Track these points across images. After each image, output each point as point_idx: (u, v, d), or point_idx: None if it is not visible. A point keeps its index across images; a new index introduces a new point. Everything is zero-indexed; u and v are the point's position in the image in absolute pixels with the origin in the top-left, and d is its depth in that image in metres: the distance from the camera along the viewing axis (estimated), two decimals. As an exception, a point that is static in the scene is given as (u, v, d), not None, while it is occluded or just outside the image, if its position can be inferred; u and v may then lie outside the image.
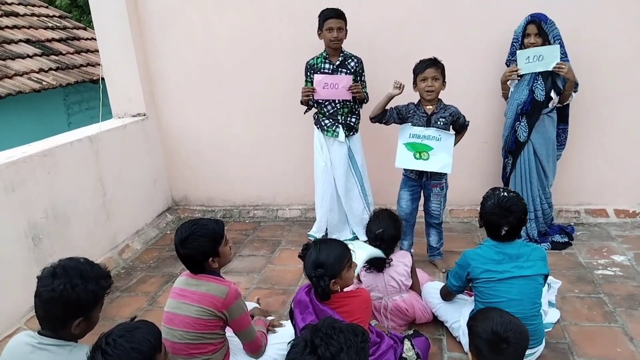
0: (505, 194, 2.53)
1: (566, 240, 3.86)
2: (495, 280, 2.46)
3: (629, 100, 4.00)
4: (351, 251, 2.30)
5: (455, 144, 3.42)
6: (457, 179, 4.09)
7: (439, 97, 3.40)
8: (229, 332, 2.56)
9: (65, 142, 3.74)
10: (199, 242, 2.25)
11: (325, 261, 2.19)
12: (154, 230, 4.69)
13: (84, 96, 8.56)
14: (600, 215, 4.23)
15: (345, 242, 2.39)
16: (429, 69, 3.27)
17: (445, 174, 3.48)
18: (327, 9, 3.67)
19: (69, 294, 1.78)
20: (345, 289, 2.35)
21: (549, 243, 3.81)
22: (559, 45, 3.50)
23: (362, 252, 2.63)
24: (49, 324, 1.85)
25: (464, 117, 3.43)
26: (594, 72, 3.90)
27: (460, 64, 4.10)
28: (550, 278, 2.96)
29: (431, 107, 3.37)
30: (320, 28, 3.69)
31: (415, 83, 3.38)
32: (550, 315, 2.82)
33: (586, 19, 3.84)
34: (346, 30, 3.70)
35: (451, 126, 3.42)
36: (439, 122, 3.35)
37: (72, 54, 8.41)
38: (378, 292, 2.85)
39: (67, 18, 10.20)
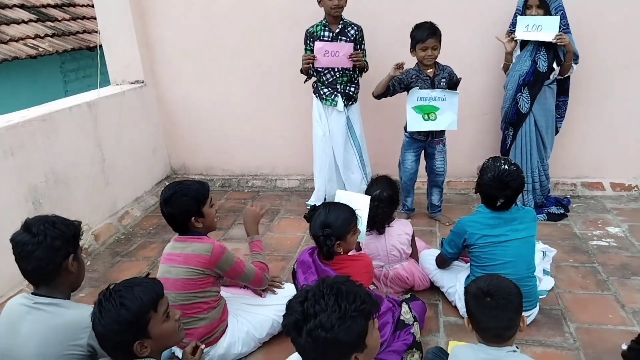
0: (506, 166, 2.51)
1: (562, 212, 3.90)
2: (491, 245, 2.51)
3: (629, 73, 3.99)
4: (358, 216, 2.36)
5: None
6: (455, 151, 4.12)
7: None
8: (226, 292, 2.61)
9: (64, 107, 3.73)
10: (182, 201, 2.30)
11: (333, 222, 2.27)
12: (153, 198, 4.70)
13: (80, 64, 8.46)
14: (597, 188, 4.27)
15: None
16: (430, 39, 3.42)
17: (444, 131, 3.69)
18: None
19: (52, 232, 1.83)
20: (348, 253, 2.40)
21: (545, 214, 3.85)
22: (558, 17, 3.46)
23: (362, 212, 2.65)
24: (41, 278, 1.87)
25: (456, 75, 3.63)
26: (595, 44, 3.88)
27: (460, 35, 4.08)
28: (545, 246, 3.02)
29: (431, 70, 3.54)
30: None
31: (413, 48, 3.51)
32: (545, 283, 2.87)
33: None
34: None
35: (447, 86, 3.59)
36: (441, 83, 3.55)
37: (68, 20, 8.27)
38: (379, 261, 2.90)
39: (61, -16, 9.99)
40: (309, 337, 1.37)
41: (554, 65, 3.59)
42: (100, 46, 4.68)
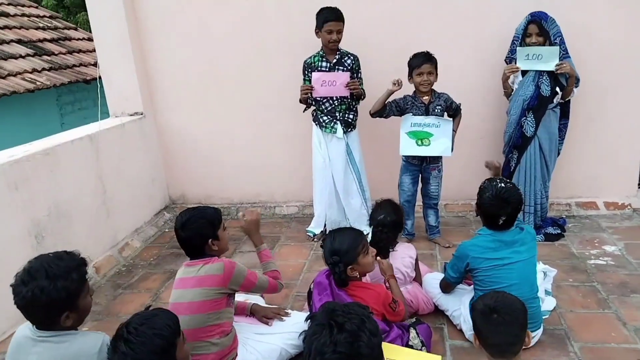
0: (503, 184, 2.60)
1: (558, 232, 3.96)
2: (496, 268, 2.55)
3: (618, 95, 4.12)
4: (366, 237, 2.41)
5: (457, 127, 3.74)
6: (452, 174, 4.20)
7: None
8: (234, 322, 2.63)
9: (66, 141, 3.77)
10: (199, 224, 2.38)
11: (339, 248, 2.32)
12: (153, 228, 4.72)
13: (76, 96, 8.54)
14: (591, 208, 4.35)
15: None
16: (425, 64, 3.54)
17: (441, 157, 3.77)
18: (326, 9, 3.72)
19: (39, 299, 1.75)
20: (366, 280, 2.45)
21: (542, 235, 3.90)
22: (558, 48, 3.58)
23: None
24: (37, 324, 1.86)
25: (455, 102, 3.71)
26: (585, 66, 3.98)
27: (454, 60, 4.19)
28: (546, 267, 3.06)
29: (427, 97, 3.65)
30: (318, 28, 3.75)
31: (410, 76, 3.63)
32: (547, 303, 2.91)
33: (577, 14, 3.94)
34: (343, 29, 3.77)
35: (446, 112, 3.70)
36: (436, 110, 3.64)
37: (64, 54, 8.38)
38: (384, 284, 2.92)
39: (57, 18, 10.15)
40: (369, 348, 1.42)
41: (557, 89, 3.68)
42: (97, 79, 4.75)
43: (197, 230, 2.38)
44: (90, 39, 4.63)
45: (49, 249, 3.42)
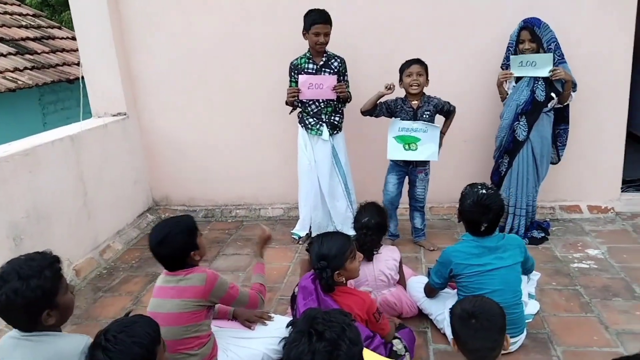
0: (484, 191, 2.60)
1: (542, 235, 3.98)
2: (478, 274, 2.55)
3: (600, 100, 4.15)
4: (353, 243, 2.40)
5: (447, 129, 3.76)
6: (438, 178, 4.19)
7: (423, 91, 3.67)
8: (215, 325, 2.59)
9: (46, 141, 3.69)
10: (179, 239, 2.28)
11: (327, 254, 2.28)
12: (135, 230, 4.65)
13: (59, 96, 8.42)
14: (575, 211, 4.38)
15: None
16: (414, 65, 3.58)
17: (429, 161, 3.76)
18: (314, 11, 3.70)
19: (14, 301, 1.72)
20: (350, 284, 2.44)
21: (527, 238, 3.91)
22: (551, 55, 3.58)
23: None
24: (19, 327, 1.82)
25: (448, 103, 3.71)
26: (571, 70, 4.03)
27: (441, 66, 4.18)
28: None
29: (416, 101, 3.64)
30: (306, 30, 3.73)
31: (401, 79, 3.63)
32: (530, 307, 2.91)
33: (563, 20, 3.96)
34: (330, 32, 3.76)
35: (437, 114, 3.71)
36: (425, 115, 3.64)
37: (47, 53, 8.27)
38: (367, 286, 2.90)
39: (41, 17, 10.01)
40: (348, 358, 1.39)
41: (552, 94, 3.68)
42: (82, 78, 4.68)
43: (177, 245, 2.28)
44: (74, 38, 4.56)
45: (28, 251, 3.30)
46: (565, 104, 3.79)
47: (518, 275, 2.63)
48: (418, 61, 3.58)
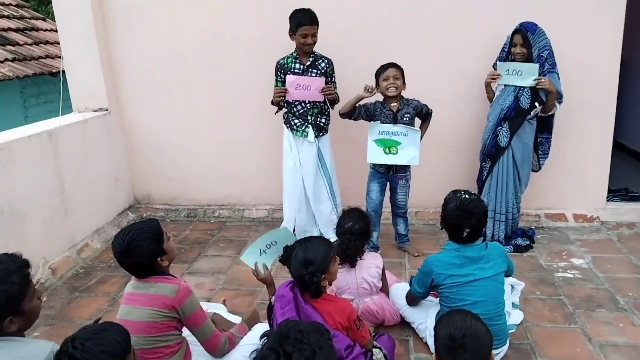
0: (467, 196, 2.56)
1: (527, 243, 3.95)
2: (459, 285, 2.49)
3: (587, 110, 4.13)
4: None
5: (424, 132, 3.69)
6: (423, 182, 4.16)
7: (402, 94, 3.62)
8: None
9: (22, 136, 3.58)
10: (143, 246, 2.17)
11: (314, 258, 2.23)
12: (115, 229, 4.53)
13: (42, 89, 8.24)
14: (560, 220, 4.36)
15: None
16: (390, 68, 3.53)
17: (409, 167, 3.71)
18: (300, 11, 3.63)
19: None
20: (331, 290, 2.40)
21: (511, 246, 3.89)
22: (537, 65, 3.55)
23: None
24: None
25: (426, 106, 3.65)
26: (561, 84, 4.01)
27: (426, 69, 4.17)
28: (513, 280, 3.03)
29: (396, 104, 3.59)
30: (292, 31, 3.66)
31: (377, 84, 3.57)
32: (514, 317, 2.88)
33: (549, 31, 3.93)
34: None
35: (417, 117, 3.65)
36: (405, 118, 3.58)
37: (30, 45, 8.08)
38: (349, 294, 2.85)
39: (24, 7, 9.80)
40: None
41: (536, 104, 3.65)
42: (63, 72, 4.56)
43: (142, 252, 2.17)
44: (58, 31, 4.48)
45: (0, 249, 3.27)
46: (550, 113, 3.77)
47: (501, 285, 2.58)
48: (393, 65, 3.53)
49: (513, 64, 3.62)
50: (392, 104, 3.58)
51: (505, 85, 3.72)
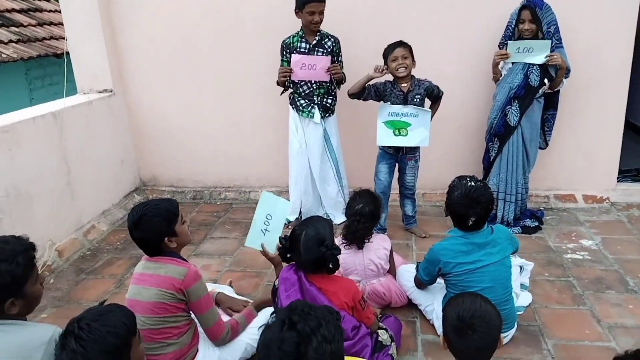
0: (473, 183, 2.49)
1: (536, 224, 3.92)
2: (467, 272, 2.46)
3: (599, 88, 4.05)
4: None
5: (434, 114, 3.62)
6: (430, 164, 4.11)
7: (412, 74, 3.54)
8: None
9: (27, 118, 3.56)
10: (152, 223, 2.18)
11: (325, 234, 2.25)
12: (121, 211, 4.54)
13: (47, 71, 8.20)
14: (569, 201, 4.31)
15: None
16: (398, 48, 3.44)
17: (419, 148, 3.66)
18: None
19: None
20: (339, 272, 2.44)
21: (520, 227, 3.86)
22: (550, 41, 3.48)
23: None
24: None
25: (438, 87, 3.59)
26: (568, 59, 3.92)
27: (436, 48, 4.09)
28: (522, 261, 3.00)
29: (406, 84, 3.51)
30: (299, 8, 3.59)
31: (386, 64, 3.48)
32: (522, 299, 2.86)
33: (562, 8, 3.83)
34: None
35: (427, 98, 3.59)
36: (415, 99, 3.51)
37: (34, 26, 8.02)
38: (357, 275, 2.83)
39: (27, -12, 9.71)
40: (317, 354, 1.35)
41: (545, 80, 3.60)
42: (68, 53, 4.52)
43: (150, 229, 2.18)
44: (62, 11, 4.43)
45: (7, 231, 3.26)
46: (556, 89, 3.71)
47: (508, 269, 2.54)
48: (401, 43, 3.44)
49: (524, 42, 3.54)
50: (402, 85, 3.50)
51: (512, 64, 3.65)
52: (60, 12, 4.58)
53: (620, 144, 4.21)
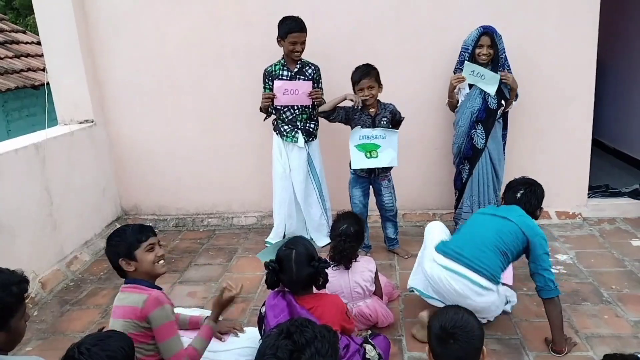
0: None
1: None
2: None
3: (566, 110, 4.27)
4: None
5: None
6: (409, 185, 4.23)
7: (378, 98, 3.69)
8: (185, 337, 2.51)
9: (9, 150, 3.56)
10: (114, 242, 2.26)
11: (313, 251, 2.36)
12: (103, 240, 4.38)
13: (24, 102, 8.17)
14: (543, 217, 4.43)
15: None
16: (363, 80, 3.54)
17: (390, 168, 3.77)
18: (289, 19, 3.69)
19: None
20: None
21: (497, 245, 3.97)
22: (499, 76, 3.68)
23: None
24: None
25: (399, 113, 3.72)
26: (534, 82, 4.14)
27: (410, 73, 4.25)
28: (511, 292, 3.09)
29: (373, 109, 3.65)
30: (281, 37, 3.72)
31: (354, 90, 3.62)
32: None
33: (529, 29, 4.07)
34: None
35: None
36: (382, 122, 3.65)
37: (11, 58, 8.01)
38: (343, 298, 2.86)
39: (3, 20, 9.71)
40: None
41: (503, 101, 3.79)
42: (48, 84, 4.55)
43: (111, 248, 2.26)
44: (39, 43, 4.42)
45: (-11, 263, 3.24)
46: (506, 110, 3.92)
47: (500, 221, 2.76)
48: (366, 73, 3.53)
49: (479, 67, 3.70)
50: (370, 110, 3.64)
51: (470, 88, 3.82)
52: (37, 43, 4.65)
53: (589, 162, 4.41)
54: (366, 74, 3.55)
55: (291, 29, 3.65)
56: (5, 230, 3.43)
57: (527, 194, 2.86)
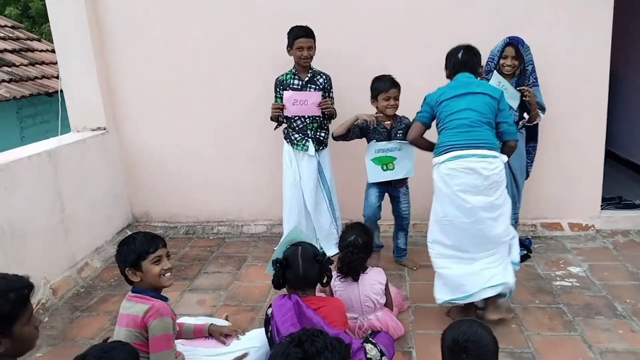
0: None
1: (525, 253, 3.99)
2: (447, 99, 2.99)
3: (579, 121, 4.23)
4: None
5: None
6: (422, 195, 4.16)
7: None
8: (187, 346, 2.53)
9: (22, 157, 3.61)
10: (122, 251, 2.29)
11: (316, 249, 2.49)
12: (114, 247, 4.46)
13: (38, 109, 8.28)
14: (556, 229, 4.42)
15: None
16: (393, 88, 3.55)
17: (407, 177, 3.79)
18: (296, 27, 3.73)
19: None
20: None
21: (509, 256, 3.93)
22: (519, 94, 3.68)
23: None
24: None
25: None
26: (546, 92, 4.07)
27: (419, 84, 4.16)
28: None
29: (389, 122, 3.64)
30: (290, 46, 3.75)
31: (374, 99, 3.61)
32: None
33: (542, 40, 4.03)
34: (315, 47, 3.77)
35: None
36: (398, 135, 3.64)
37: (26, 65, 8.14)
38: (353, 312, 2.86)
39: (19, 28, 9.86)
40: None
41: (525, 114, 3.77)
42: (61, 91, 4.60)
43: (119, 256, 2.30)
44: (54, 51, 4.48)
45: (2, 269, 3.27)
46: (535, 122, 3.88)
47: (486, 99, 2.95)
48: (395, 84, 3.55)
49: (504, 80, 3.69)
50: (385, 122, 3.63)
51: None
52: (51, 51, 4.70)
53: (602, 173, 4.36)
54: (395, 84, 3.56)
55: (297, 35, 3.69)
56: (18, 236, 3.46)
57: (468, 53, 3.12)
